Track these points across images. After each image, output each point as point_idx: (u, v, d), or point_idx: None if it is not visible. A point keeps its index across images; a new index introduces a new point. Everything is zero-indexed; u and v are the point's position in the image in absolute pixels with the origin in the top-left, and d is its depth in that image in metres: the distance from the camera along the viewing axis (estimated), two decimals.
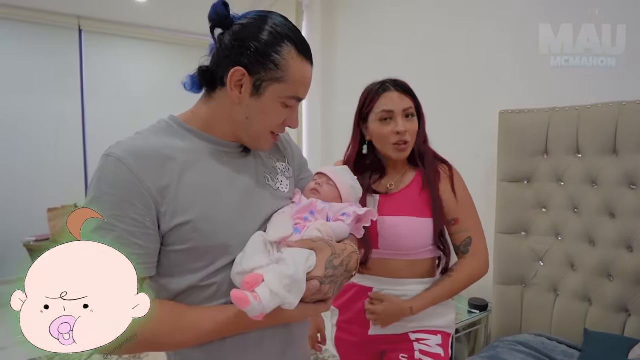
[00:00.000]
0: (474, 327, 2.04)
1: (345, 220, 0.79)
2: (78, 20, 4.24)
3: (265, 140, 0.77)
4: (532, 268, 1.73)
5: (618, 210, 1.48)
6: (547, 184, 1.70)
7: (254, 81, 0.70)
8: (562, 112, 1.65)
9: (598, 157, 1.54)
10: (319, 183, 0.88)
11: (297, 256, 0.65)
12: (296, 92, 0.73)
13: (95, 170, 0.65)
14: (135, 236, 0.63)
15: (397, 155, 1.14)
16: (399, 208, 1.12)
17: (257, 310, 0.60)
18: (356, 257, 0.76)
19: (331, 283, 0.69)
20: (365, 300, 1.14)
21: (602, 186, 1.53)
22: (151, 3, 3.96)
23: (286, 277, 0.62)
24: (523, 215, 1.76)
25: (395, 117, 1.11)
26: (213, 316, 0.68)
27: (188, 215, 0.66)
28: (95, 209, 0.61)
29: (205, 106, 0.76)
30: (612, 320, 1.46)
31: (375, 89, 1.15)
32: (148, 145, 0.67)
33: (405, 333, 1.13)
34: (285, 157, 0.91)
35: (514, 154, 1.78)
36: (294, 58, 0.71)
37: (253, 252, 0.68)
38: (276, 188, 0.82)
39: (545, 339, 1.52)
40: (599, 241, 1.53)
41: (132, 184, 0.63)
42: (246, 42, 0.69)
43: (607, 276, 1.50)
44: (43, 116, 4.15)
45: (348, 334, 1.22)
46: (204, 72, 0.73)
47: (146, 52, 4.71)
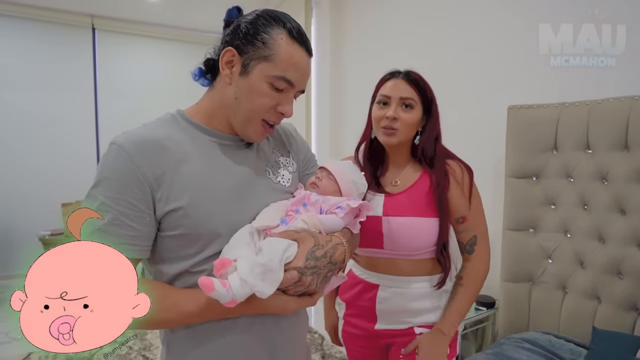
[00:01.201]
0: (481, 325, 2.02)
1: (338, 213, 0.78)
2: (92, 19, 4.29)
3: (255, 126, 0.75)
4: (540, 265, 1.70)
5: (629, 207, 1.45)
6: (556, 180, 1.67)
7: (243, 60, 0.71)
8: (572, 107, 1.61)
9: (609, 153, 1.51)
10: (319, 177, 0.87)
11: (274, 245, 0.66)
12: (284, 71, 0.71)
13: (102, 157, 0.69)
14: (130, 218, 0.66)
15: (383, 139, 1.12)
16: (403, 208, 1.10)
17: (225, 297, 0.61)
18: (342, 249, 0.74)
19: (313, 274, 0.68)
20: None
21: (613, 182, 1.50)
22: (163, 1, 3.98)
23: (258, 265, 0.62)
24: (531, 212, 1.73)
25: (391, 102, 1.10)
26: (195, 298, 0.68)
27: (180, 202, 0.68)
28: (96, 191, 0.66)
29: (207, 97, 0.78)
30: (621, 318, 1.44)
31: (386, 75, 1.15)
32: (150, 136, 0.70)
33: (410, 327, 1.12)
34: (290, 151, 0.91)
35: (522, 149, 1.75)
36: (283, 39, 0.72)
37: (236, 244, 0.69)
38: (277, 181, 0.82)
39: (552, 337, 1.50)
40: (609, 238, 1.50)
41: (129, 170, 0.66)
42: (240, 26, 0.73)
43: (617, 274, 1.47)
44: (57, 113, 4.22)
45: (354, 327, 1.21)
46: (210, 61, 0.77)
47: (158, 50, 4.74)
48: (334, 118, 3.31)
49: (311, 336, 2.69)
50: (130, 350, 2.57)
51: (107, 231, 0.64)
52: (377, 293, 1.14)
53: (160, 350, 2.39)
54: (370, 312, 1.15)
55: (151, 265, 0.75)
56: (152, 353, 2.54)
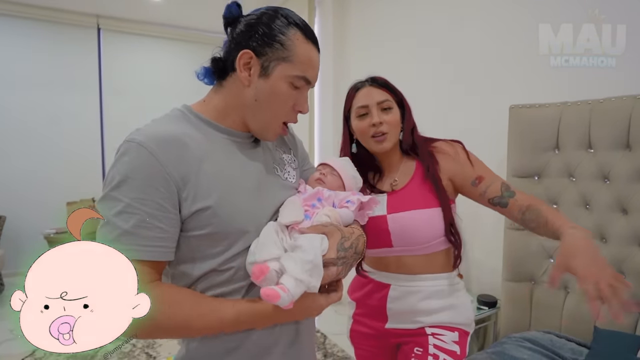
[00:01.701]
0: (483, 324, 2.03)
1: (350, 207, 0.82)
2: (97, 19, 4.32)
3: (276, 128, 0.78)
4: (542, 265, 1.69)
5: (630, 206, 1.45)
6: (558, 179, 1.67)
7: (262, 62, 0.72)
8: (574, 107, 1.61)
9: (610, 152, 1.50)
10: (324, 173, 0.91)
11: (313, 241, 0.68)
12: (304, 71, 0.74)
13: (118, 156, 0.65)
14: (158, 219, 0.64)
15: (377, 147, 1.12)
16: (406, 203, 1.11)
17: (287, 300, 0.62)
18: (363, 239, 0.78)
19: (343, 265, 0.72)
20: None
21: (615, 182, 1.49)
22: (167, 2, 3.99)
23: (307, 263, 0.65)
24: None
25: (370, 110, 1.10)
26: (234, 304, 0.69)
27: (208, 201, 0.67)
28: (118, 193, 0.63)
29: (216, 95, 0.78)
30: (624, 318, 1.43)
31: (351, 88, 1.17)
32: (167, 132, 0.68)
33: (422, 327, 1.12)
34: (291, 149, 0.93)
35: (524, 149, 1.74)
36: (299, 39, 0.73)
37: (265, 243, 0.69)
38: (284, 178, 0.84)
39: (554, 336, 1.49)
40: (610, 238, 1.50)
41: (155, 169, 0.64)
42: (254, 27, 0.72)
43: (619, 273, 1.47)
44: (62, 112, 4.24)
45: (364, 326, 1.22)
46: (216, 61, 0.76)
47: (162, 49, 4.76)
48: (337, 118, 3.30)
49: None
50: (134, 347, 2.59)
51: (136, 234, 0.62)
52: (389, 292, 1.14)
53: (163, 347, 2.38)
54: (380, 312, 1.16)
55: (171, 268, 0.72)
56: (155, 350, 2.55)
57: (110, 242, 0.60)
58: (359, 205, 0.84)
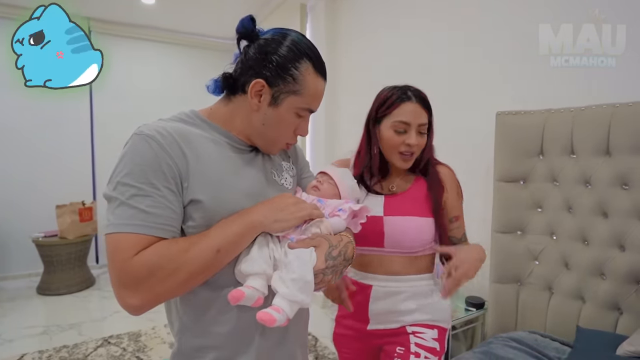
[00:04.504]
0: (471, 325, 2.07)
1: (341, 215, 0.84)
2: (88, 21, 4.30)
3: (279, 148, 0.86)
4: (528, 267, 1.75)
5: (611, 210, 1.50)
6: (543, 184, 1.72)
7: (273, 93, 0.76)
8: (558, 114, 1.67)
9: (592, 158, 1.56)
10: (320, 181, 0.94)
11: (302, 257, 0.70)
12: (310, 104, 0.80)
13: (127, 148, 0.69)
14: (169, 201, 0.67)
15: (401, 165, 1.16)
16: (402, 208, 1.15)
17: (282, 319, 0.67)
18: (352, 246, 0.81)
19: (333, 272, 0.75)
20: (443, 275, 1.03)
21: (596, 186, 1.55)
22: (158, 5, 4.02)
23: (298, 281, 0.68)
24: (519, 215, 1.78)
25: (410, 130, 1.11)
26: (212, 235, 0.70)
27: (200, 196, 0.70)
28: (129, 179, 0.66)
29: (224, 107, 0.82)
30: (604, 318, 1.48)
31: (397, 96, 1.13)
32: (172, 127, 0.72)
33: (402, 326, 1.15)
34: (290, 157, 0.98)
35: (510, 154, 1.80)
36: (310, 74, 0.78)
37: (254, 258, 0.72)
38: (281, 184, 0.88)
39: (538, 336, 1.54)
40: (592, 241, 1.55)
41: (161, 157, 0.67)
42: (268, 56, 0.76)
43: (600, 275, 1.52)
44: (51, 115, 4.22)
45: (347, 329, 1.24)
46: (227, 78, 0.80)
47: (152, 52, 4.76)
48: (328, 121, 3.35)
49: None
50: (124, 351, 2.58)
51: (150, 212, 0.65)
52: (370, 293, 1.16)
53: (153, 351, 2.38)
54: (362, 313, 1.18)
55: None
56: (147, 355, 2.55)
57: (126, 218, 0.64)
58: (351, 213, 0.86)
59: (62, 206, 3.69)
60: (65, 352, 2.58)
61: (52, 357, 2.52)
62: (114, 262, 0.64)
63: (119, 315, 3.23)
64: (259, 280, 0.70)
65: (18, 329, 2.96)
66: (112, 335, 2.82)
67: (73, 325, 3.04)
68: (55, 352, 2.58)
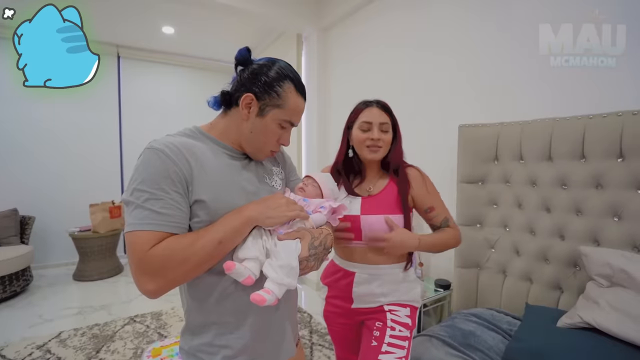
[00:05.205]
0: (439, 303, 2.09)
1: (322, 211, 0.86)
2: (117, 48, 4.31)
3: (265, 154, 0.86)
4: (486, 254, 1.77)
5: (553, 206, 1.53)
6: (497, 184, 1.74)
7: (260, 105, 0.79)
8: (509, 126, 1.69)
9: (537, 163, 1.58)
10: (306, 184, 0.95)
11: (288, 247, 0.72)
12: (290, 117, 0.82)
13: (140, 160, 0.70)
14: (178, 203, 0.69)
15: (370, 156, 1.17)
16: (377, 208, 1.16)
17: (272, 300, 0.69)
18: (331, 237, 0.83)
19: (315, 260, 0.76)
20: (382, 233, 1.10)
21: (540, 187, 1.57)
22: (177, 34, 4.02)
23: (284, 267, 0.70)
24: (478, 210, 1.80)
25: (372, 127, 1.15)
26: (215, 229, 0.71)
27: (203, 196, 0.72)
28: (144, 186, 0.67)
29: (222, 120, 0.84)
30: (549, 296, 1.50)
31: (362, 104, 1.20)
32: (178, 141, 0.74)
33: (380, 306, 1.17)
34: (279, 162, 0.99)
35: (471, 160, 1.82)
36: (292, 92, 0.81)
37: (248, 246, 0.73)
38: (271, 185, 0.89)
39: (494, 312, 1.55)
40: (538, 232, 1.58)
41: (170, 166, 0.69)
42: (258, 77, 0.79)
43: (545, 260, 1.54)
44: (87, 128, 4.22)
45: (335, 307, 1.25)
46: (225, 94, 0.83)
47: (173, 75, 4.76)
48: (320, 131, 3.37)
49: (301, 315, 2.72)
50: (148, 328, 2.58)
51: (162, 213, 0.66)
52: (354, 279, 1.18)
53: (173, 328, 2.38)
54: (347, 294, 1.19)
55: None
56: (167, 331, 2.54)
57: (142, 219, 0.65)
58: (331, 210, 0.88)
59: (94, 205, 3.68)
60: (97, 330, 2.57)
61: (86, 333, 2.51)
62: (133, 255, 0.65)
63: (143, 298, 3.22)
64: (252, 263, 0.72)
65: (57, 310, 2.95)
66: (137, 315, 2.81)
67: (104, 307, 3.02)
68: (89, 330, 2.57)
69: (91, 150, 4.23)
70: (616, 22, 1.43)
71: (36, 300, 3.16)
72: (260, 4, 2.97)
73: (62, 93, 4.01)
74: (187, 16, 3.52)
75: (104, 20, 3.60)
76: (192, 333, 0.79)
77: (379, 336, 1.11)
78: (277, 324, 0.85)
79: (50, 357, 2.19)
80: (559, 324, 1.20)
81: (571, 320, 1.18)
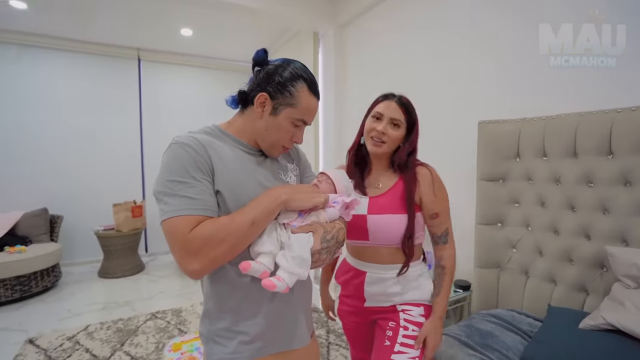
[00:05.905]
0: (459, 304, 2.06)
1: (336, 206, 0.89)
2: (138, 51, 4.47)
3: (278, 150, 0.90)
4: (507, 254, 1.73)
5: (578, 204, 1.49)
6: (519, 182, 1.71)
7: (274, 104, 0.83)
8: (531, 122, 1.66)
9: (561, 160, 1.54)
10: (320, 180, 0.97)
11: (301, 240, 0.76)
12: (303, 116, 0.85)
13: (168, 154, 0.76)
14: (208, 188, 0.75)
15: (372, 149, 1.17)
16: (383, 208, 1.15)
17: (282, 287, 0.72)
18: (343, 231, 0.85)
19: (327, 253, 0.80)
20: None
21: (564, 184, 1.53)
22: (195, 36, 4.13)
23: (297, 258, 0.74)
24: (499, 209, 1.77)
25: (382, 120, 1.15)
26: (246, 211, 0.75)
27: (222, 188, 0.78)
28: (176, 177, 0.72)
29: (239, 118, 0.89)
30: (574, 298, 1.46)
31: (382, 96, 1.21)
32: (200, 137, 0.80)
33: (393, 305, 1.17)
34: (294, 159, 1.02)
35: (491, 157, 1.79)
36: (304, 92, 0.84)
37: (264, 240, 0.77)
38: (286, 181, 0.93)
39: (515, 313, 1.53)
40: (562, 231, 1.54)
41: (196, 157, 0.75)
42: (273, 77, 0.83)
43: (569, 261, 1.51)
44: (109, 129, 4.40)
45: (347, 306, 1.27)
46: (242, 94, 0.88)
47: (191, 75, 4.89)
48: (337, 126, 3.38)
49: (318, 315, 2.75)
50: (168, 324, 2.67)
51: (197, 198, 0.72)
52: (365, 278, 1.19)
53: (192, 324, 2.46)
54: (360, 293, 1.21)
55: None
56: (186, 327, 2.63)
57: (179, 205, 0.70)
58: (344, 205, 0.90)
59: (117, 204, 3.83)
60: (121, 324, 2.69)
61: (111, 327, 2.63)
62: (175, 239, 0.70)
63: (163, 295, 3.35)
64: (266, 257, 0.75)
65: (83, 305, 3.11)
66: (159, 311, 2.93)
67: (127, 302, 3.16)
68: (113, 324, 2.69)
69: (114, 153, 4.42)
70: (616, 22, 1.43)
71: (65, 295, 3.34)
72: (276, 4, 3.01)
73: (86, 99, 4.22)
74: (205, 17, 3.61)
75: (125, 25, 3.75)
76: (211, 318, 0.84)
77: (392, 336, 1.12)
78: (290, 314, 0.89)
79: (79, 348, 2.32)
80: (581, 326, 1.18)
81: (594, 321, 1.15)
